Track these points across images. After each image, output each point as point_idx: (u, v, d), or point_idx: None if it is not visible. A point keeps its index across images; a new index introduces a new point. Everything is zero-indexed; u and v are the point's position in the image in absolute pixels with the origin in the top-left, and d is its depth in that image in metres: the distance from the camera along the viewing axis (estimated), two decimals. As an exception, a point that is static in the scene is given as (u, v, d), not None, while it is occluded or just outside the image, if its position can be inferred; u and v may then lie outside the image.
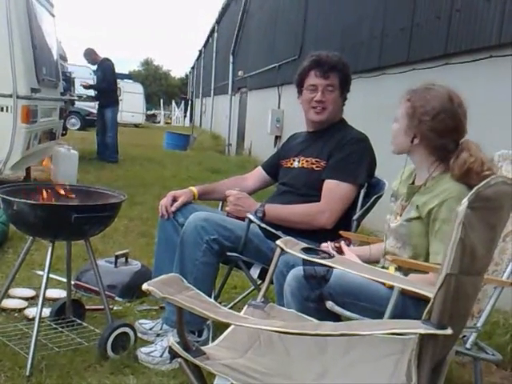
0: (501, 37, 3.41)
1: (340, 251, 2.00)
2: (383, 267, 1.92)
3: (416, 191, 1.89)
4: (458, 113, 1.82)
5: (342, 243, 2.09)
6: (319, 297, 1.81)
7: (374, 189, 2.38)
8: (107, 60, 9.04)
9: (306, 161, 2.44)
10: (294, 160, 2.50)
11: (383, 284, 1.77)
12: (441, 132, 1.81)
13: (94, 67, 9.36)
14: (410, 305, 1.73)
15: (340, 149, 2.35)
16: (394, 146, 1.93)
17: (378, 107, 5.11)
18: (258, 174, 2.70)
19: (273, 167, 2.64)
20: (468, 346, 1.73)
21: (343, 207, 2.32)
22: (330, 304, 1.79)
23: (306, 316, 1.69)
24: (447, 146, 1.83)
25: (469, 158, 1.77)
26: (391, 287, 1.69)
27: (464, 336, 1.75)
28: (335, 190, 2.31)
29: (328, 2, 7.50)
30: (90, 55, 8.91)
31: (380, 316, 1.69)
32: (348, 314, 1.77)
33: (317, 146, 2.44)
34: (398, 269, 1.73)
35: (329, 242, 2.07)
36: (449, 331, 1.10)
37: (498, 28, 3.43)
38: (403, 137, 1.87)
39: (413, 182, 1.96)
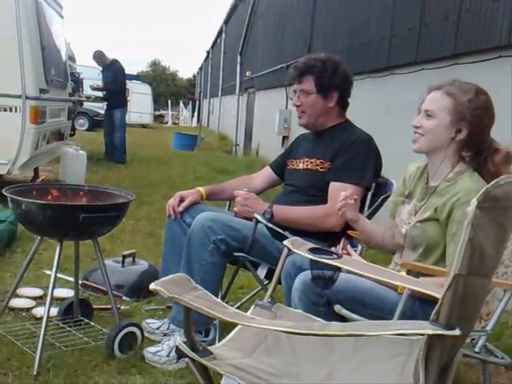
0: (510, 37, 3.39)
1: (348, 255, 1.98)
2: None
3: (433, 192, 1.85)
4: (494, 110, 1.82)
5: (349, 247, 2.07)
6: (327, 302, 1.80)
7: (381, 189, 2.37)
8: (117, 62, 9.08)
9: (311, 162, 2.43)
10: (298, 162, 2.49)
11: (392, 288, 1.77)
12: (487, 127, 1.80)
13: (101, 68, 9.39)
14: (419, 310, 1.72)
15: (344, 150, 2.34)
16: (422, 143, 1.84)
17: (386, 107, 5.10)
18: (266, 174, 2.70)
19: (280, 167, 2.64)
20: (477, 349, 1.72)
21: None
22: (337, 307, 1.78)
23: (314, 316, 1.69)
24: (483, 144, 1.81)
25: (509, 152, 1.79)
26: (400, 293, 1.68)
27: (473, 339, 1.73)
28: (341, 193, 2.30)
29: (336, 1, 7.49)
30: (100, 57, 8.94)
31: None
32: (356, 317, 1.77)
33: (321, 147, 2.43)
34: (408, 272, 1.71)
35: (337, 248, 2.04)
36: (457, 332, 1.09)
37: (507, 28, 3.41)
38: (443, 132, 1.80)
39: (426, 182, 1.93)
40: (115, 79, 8.89)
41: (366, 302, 1.80)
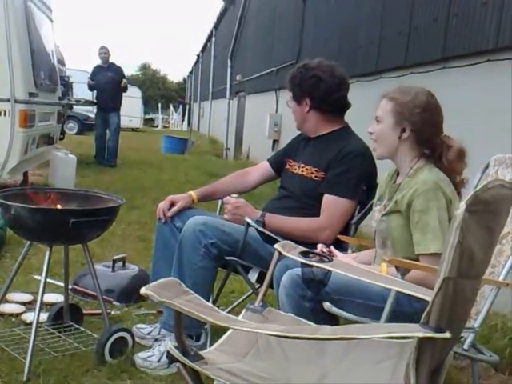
0: (498, 41, 3.42)
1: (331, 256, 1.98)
2: None
3: (397, 188, 1.95)
4: (441, 108, 1.93)
5: (332, 247, 2.09)
6: (315, 296, 1.81)
7: (371, 193, 2.38)
8: (115, 64, 9.07)
9: (306, 169, 2.43)
10: (296, 166, 2.49)
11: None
12: (431, 125, 1.90)
13: (89, 71, 9.31)
14: (404, 301, 1.76)
15: (338, 162, 2.33)
16: (379, 149, 1.99)
17: (375, 111, 5.11)
18: (263, 168, 2.69)
19: (279, 164, 2.62)
20: (465, 347, 1.73)
21: (344, 223, 2.33)
22: (327, 305, 1.79)
23: (305, 320, 1.69)
24: (432, 140, 1.91)
25: (461, 149, 1.90)
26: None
27: (461, 337, 1.75)
28: (335, 206, 2.31)
29: (325, 6, 7.52)
30: (107, 53, 8.91)
31: (376, 311, 1.71)
32: (345, 314, 1.78)
33: (317, 154, 2.42)
34: (397, 268, 1.73)
35: (319, 247, 2.05)
36: (447, 335, 1.09)
37: (495, 32, 3.44)
38: (390, 134, 1.93)
39: (394, 182, 2.02)
40: (119, 79, 8.83)
41: (353, 291, 1.83)
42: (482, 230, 1.14)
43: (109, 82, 8.75)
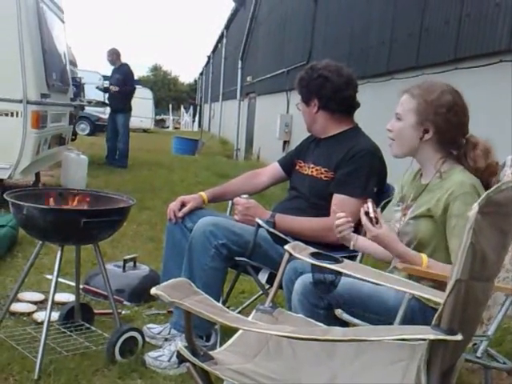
0: (510, 41, 3.39)
1: (377, 222, 1.80)
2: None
3: (424, 189, 1.87)
4: (467, 108, 1.83)
5: (380, 214, 1.86)
6: (328, 305, 1.80)
7: (383, 194, 2.37)
8: (127, 65, 9.05)
9: (316, 169, 2.43)
10: (306, 167, 2.48)
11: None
12: (455, 125, 1.81)
13: (104, 72, 9.38)
14: (419, 316, 1.72)
15: (348, 161, 2.32)
16: (396, 148, 1.90)
17: (386, 112, 5.09)
18: (273, 170, 2.69)
19: (289, 165, 2.62)
20: (479, 354, 1.71)
21: (354, 222, 2.31)
22: (339, 311, 1.78)
23: (315, 321, 1.68)
24: (458, 140, 1.83)
25: (488, 150, 1.80)
26: (400, 298, 1.68)
27: (474, 344, 1.73)
28: (345, 206, 2.28)
29: (336, 7, 7.51)
30: (113, 55, 8.90)
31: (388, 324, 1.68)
32: (356, 321, 1.76)
33: (326, 154, 2.42)
34: (409, 277, 1.71)
35: (369, 205, 1.82)
36: (459, 337, 1.09)
37: (508, 33, 3.42)
38: (411, 134, 1.84)
39: (418, 182, 1.94)
40: (125, 82, 8.85)
41: (367, 305, 1.79)
42: (495, 232, 1.13)
43: (120, 85, 8.82)
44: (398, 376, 1.37)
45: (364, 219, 1.80)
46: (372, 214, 1.81)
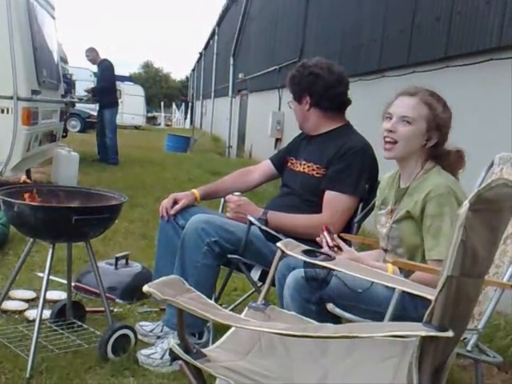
0: (501, 39, 3.41)
1: (339, 249, 1.94)
2: None
3: (404, 193, 1.92)
4: None
5: (339, 240, 2.01)
6: (319, 299, 1.81)
7: (374, 191, 2.37)
8: (106, 60, 9.05)
9: (308, 166, 2.43)
10: (298, 163, 2.49)
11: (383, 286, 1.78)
12: (447, 135, 1.89)
13: (94, 68, 9.36)
14: (410, 306, 1.74)
15: (340, 158, 2.33)
16: (398, 150, 1.88)
17: (377, 110, 5.10)
18: (265, 167, 2.69)
19: (281, 162, 2.63)
20: (469, 348, 1.73)
21: (346, 219, 2.32)
22: (330, 306, 1.79)
23: (307, 318, 1.69)
24: (442, 145, 1.90)
25: (460, 150, 1.91)
26: (392, 289, 1.69)
27: (465, 338, 1.74)
28: (337, 203, 2.30)
29: (328, 4, 7.51)
30: (91, 53, 8.90)
31: (380, 317, 1.69)
32: (348, 315, 1.78)
33: (318, 151, 2.43)
34: (400, 270, 1.73)
35: (325, 235, 1.96)
36: (450, 333, 1.09)
37: (499, 31, 3.43)
38: (417, 139, 1.87)
39: (398, 186, 1.98)
40: (103, 77, 8.88)
41: (358, 299, 1.82)
42: (486, 228, 1.13)
43: (98, 81, 8.96)
44: (389, 373, 1.38)
45: (326, 250, 1.87)
46: (331, 244, 1.90)
